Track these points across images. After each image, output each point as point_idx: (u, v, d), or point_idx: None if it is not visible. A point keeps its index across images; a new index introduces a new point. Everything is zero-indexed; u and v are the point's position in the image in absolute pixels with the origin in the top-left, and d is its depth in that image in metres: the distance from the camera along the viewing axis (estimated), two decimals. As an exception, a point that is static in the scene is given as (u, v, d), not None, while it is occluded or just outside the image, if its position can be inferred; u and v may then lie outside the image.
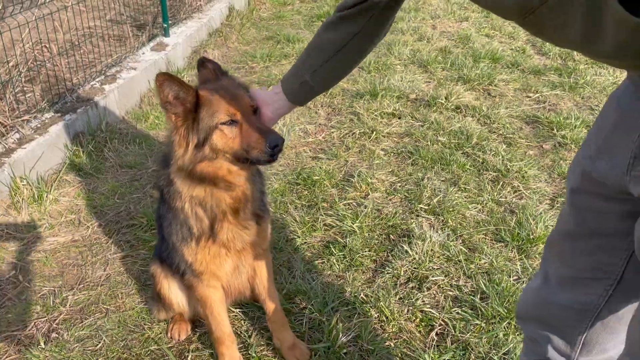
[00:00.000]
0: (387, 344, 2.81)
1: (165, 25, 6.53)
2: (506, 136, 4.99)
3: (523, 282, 3.22)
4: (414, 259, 3.37)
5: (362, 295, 3.11)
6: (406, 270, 3.30)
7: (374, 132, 4.98)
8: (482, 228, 3.72)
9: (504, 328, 2.86)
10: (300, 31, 8.05)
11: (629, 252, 1.42)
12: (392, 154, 4.71)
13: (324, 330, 2.85)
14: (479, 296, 3.09)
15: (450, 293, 3.15)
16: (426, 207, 3.90)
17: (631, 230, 1.35)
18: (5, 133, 4.07)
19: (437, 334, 2.87)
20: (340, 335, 2.79)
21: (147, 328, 2.96)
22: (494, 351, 2.72)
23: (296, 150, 4.79)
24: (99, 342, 2.87)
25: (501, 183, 4.24)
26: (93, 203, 4.05)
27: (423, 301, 3.06)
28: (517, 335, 2.82)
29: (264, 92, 2.32)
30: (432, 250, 3.44)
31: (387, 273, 3.29)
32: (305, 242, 3.60)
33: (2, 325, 3.00)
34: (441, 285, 3.20)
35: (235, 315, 3.02)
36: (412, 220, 3.78)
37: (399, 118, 5.33)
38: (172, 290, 2.79)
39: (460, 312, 2.99)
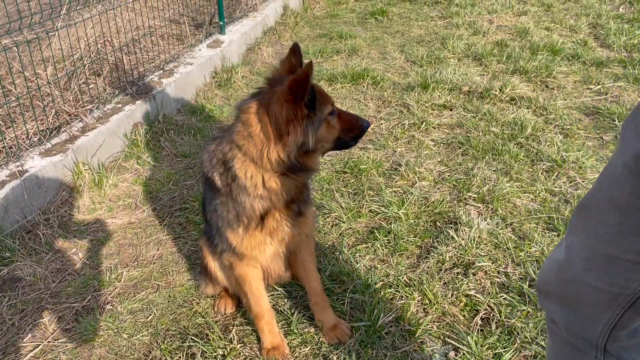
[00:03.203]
0: (429, 326, 2.77)
1: (221, 23, 6.74)
2: (563, 127, 4.81)
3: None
4: (460, 245, 3.31)
5: (405, 278, 3.09)
6: (451, 256, 3.24)
7: (424, 123, 4.93)
8: (534, 217, 3.60)
9: (553, 314, 2.75)
10: (354, 28, 8.09)
11: None
12: (441, 144, 4.64)
13: (365, 310, 2.85)
14: (527, 283, 3.00)
15: (497, 280, 3.07)
16: (475, 196, 3.82)
17: None
18: (70, 121, 4.33)
19: (481, 319, 2.80)
20: (382, 316, 2.78)
21: (195, 303, 3.07)
22: (541, 336, 2.63)
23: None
24: (150, 315, 3.00)
25: (556, 173, 4.09)
26: (149, 189, 4.24)
27: (468, 286, 3.00)
28: (567, 322, 2.72)
29: None
30: (479, 237, 3.37)
31: (432, 258, 3.24)
32: (350, 228, 3.61)
33: (62, 297, 3.18)
34: (488, 272, 3.12)
35: (279, 294, 3.07)
36: (459, 208, 3.71)
37: (450, 110, 5.24)
38: (217, 264, 2.87)
39: (507, 297, 2.90)
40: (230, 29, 7.04)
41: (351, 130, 2.43)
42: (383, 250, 3.37)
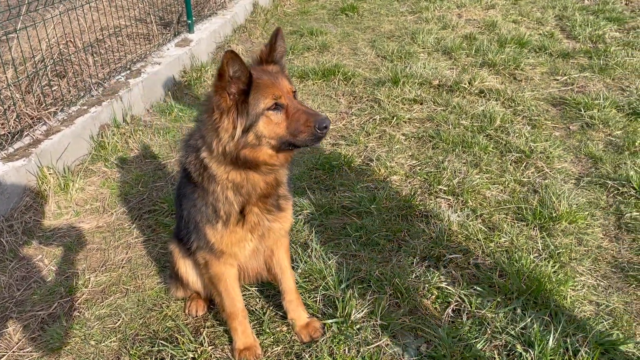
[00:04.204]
0: (401, 320, 2.77)
1: (189, 21, 6.64)
2: (531, 118, 4.87)
3: (544, 259, 3.13)
4: (431, 237, 3.32)
5: (377, 273, 3.08)
6: (423, 249, 3.25)
7: (395, 118, 4.93)
8: (503, 207, 3.63)
9: (522, 303, 2.78)
10: (324, 25, 8.06)
11: None
12: (412, 138, 4.65)
13: (337, 306, 2.83)
14: (497, 273, 3.02)
15: (468, 271, 3.08)
16: (445, 188, 3.84)
17: None
18: (33, 125, 4.21)
19: (452, 310, 2.81)
20: (354, 312, 2.77)
21: (164, 306, 3.01)
22: (511, 326, 2.65)
23: (316, 138, 4.77)
24: (118, 320, 2.93)
25: (524, 164, 4.13)
26: (117, 191, 4.15)
27: (439, 278, 3.01)
28: (536, 310, 2.74)
29: None
30: (449, 229, 3.38)
31: (403, 252, 3.25)
32: (322, 224, 3.59)
33: (28, 306, 3.10)
34: (458, 263, 3.14)
35: (251, 294, 3.04)
36: (430, 201, 3.73)
37: (421, 104, 5.26)
38: (188, 270, 2.82)
39: (477, 288, 2.92)
40: (199, 27, 6.95)
41: (301, 131, 2.14)
42: (355, 245, 3.36)
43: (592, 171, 4.06)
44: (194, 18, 6.74)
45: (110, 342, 2.78)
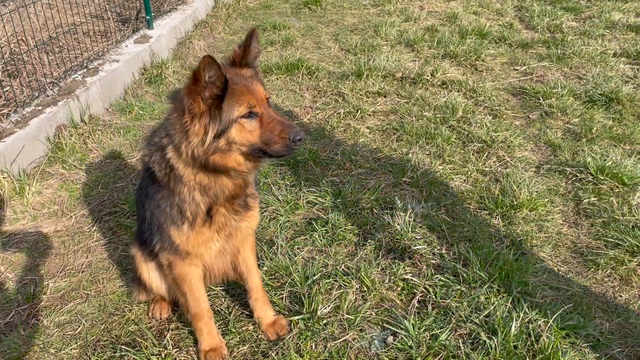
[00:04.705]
0: (367, 313, 2.77)
1: (148, 17, 6.49)
2: (492, 108, 4.94)
3: (506, 246, 3.18)
4: (396, 230, 3.33)
5: (343, 267, 3.08)
6: (388, 242, 3.26)
7: (359, 111, 4.93)
8: (466, 197, 3.67)
9: (486, 292, 2.82)
10: (287, 18, 8.00)
11: None
12: (377, 131, 4.66)
13: (304, 302, 2.82)
14: (461, 263, 3.05)
15: (433, 262, 3.11)
16: (409, 180, 3.86)
17: None
18: (-16, 127, 4.05)
19: (418, 301, 2.83)
20: (320, 307, 2.76)
21: (127, 310, 2.94)
22: (475, 314, 2.68)
23: (281, 133, 4.74)
24: (79, 326, 2.85)
25: (486, 153, 4.19)
26: (76, 194, 4.03)
27: (405, 270, 3.03)
28: (499, 298, 2.79)
29: None
30: (414, 220, 3.40)
31: (369, 245, 3.25)
32: (288, 220, 3.56)
33: (-17, 315, 2.98)
34: (423, 254, 3.16)
35: (216, 294, 3.00)
36: (395, 194, 3.74)
37: (384, 96, 5.27)
38: (152, 275, 2.75)
39: (442, 278, 2.95)
40: (158, 23, 6.80)
41: (273, 142, 2.12)
42: (321, 240, 3.35)
43: (551, 159, 4.14)
44: (153, 14, 6.59)
45: (71, 349, 2.70)
